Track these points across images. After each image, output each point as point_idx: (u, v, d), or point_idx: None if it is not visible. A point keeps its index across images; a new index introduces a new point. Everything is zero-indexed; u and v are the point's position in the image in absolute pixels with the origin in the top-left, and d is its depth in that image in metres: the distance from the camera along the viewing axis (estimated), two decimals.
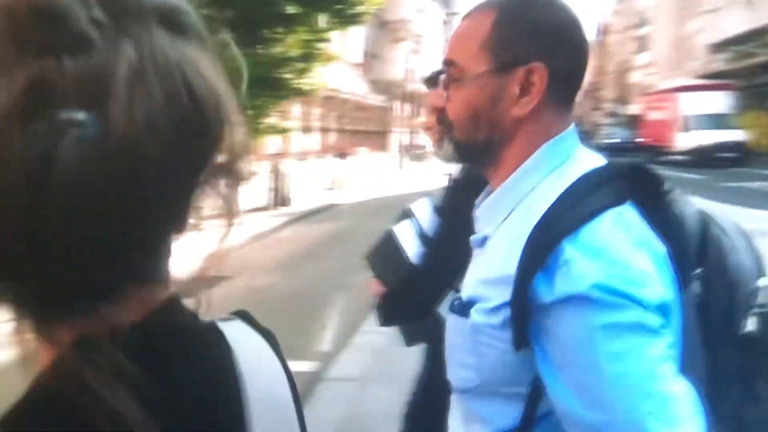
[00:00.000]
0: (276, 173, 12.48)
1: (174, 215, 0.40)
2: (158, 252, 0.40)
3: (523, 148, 0.77)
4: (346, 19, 10.78)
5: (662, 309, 0.67)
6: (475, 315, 0.73)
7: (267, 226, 10.12)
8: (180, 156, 0.36)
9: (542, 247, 0.67)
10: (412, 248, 1.30)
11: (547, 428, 0.71)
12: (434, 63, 8.56)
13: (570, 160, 0.77)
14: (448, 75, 0.80)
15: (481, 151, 0.81)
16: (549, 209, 0.70)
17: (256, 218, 10.81)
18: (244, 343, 0.47)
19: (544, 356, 0.69)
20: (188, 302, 0.43)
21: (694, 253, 0.75)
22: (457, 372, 0.77)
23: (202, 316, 0.45)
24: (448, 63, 0.79)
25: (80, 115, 0.32)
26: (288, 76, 9.98)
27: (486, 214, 0.81)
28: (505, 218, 0.76)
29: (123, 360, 0.35)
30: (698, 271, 0.74)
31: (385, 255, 1.33)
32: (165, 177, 0.35)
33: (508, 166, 0.78)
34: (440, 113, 0.87)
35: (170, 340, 0.41)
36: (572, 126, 0.79)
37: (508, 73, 0.75)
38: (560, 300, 0.66)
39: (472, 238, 0.82)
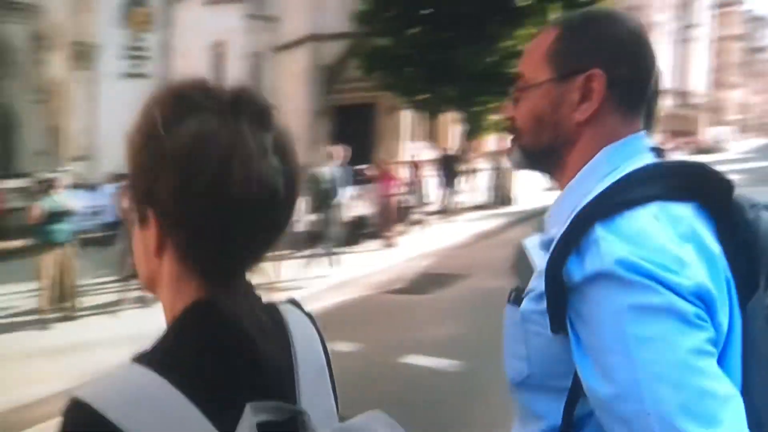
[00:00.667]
0: (498, 171, 12.33)
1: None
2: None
3: (586, 152, 0.80)
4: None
5: (701, 299, 0.65)
6: (525, 303, 0.77)
7: (490, 226, 10.02)
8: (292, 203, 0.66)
9: (577, 230, 0.69)
10: (538, 258, 1.37)
11: (595, 428, 0.71)
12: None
13: (630, 162, 0.77)
14: (517, 86, 0.85)
15: (545, 156, 0.85)
16: (592, 198, 0.73)
17: (478, 217, 10.77)
18: (296, 320, 0.70)
19: (577, 340, 0.69)
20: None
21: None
22: (510, 363, 0.80)
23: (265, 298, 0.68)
24: (518, 75, 0.85)
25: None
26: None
27: (552, 216, 0.84)
28: (567, 219, 0.76)
29: (235, 313, 0.60)
30: None
31: (520, 267, 1.35)
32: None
33: (571, 170, 0.82)
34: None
35: (267, 308, 0.68)
36: (640, 132, 0.81)
37: (568, 81, 0.80)
38: (588, 278, 0.67)
39: (539, 240, 0.82)
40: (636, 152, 0.80)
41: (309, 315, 0.75)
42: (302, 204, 9.53)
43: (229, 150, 0.58)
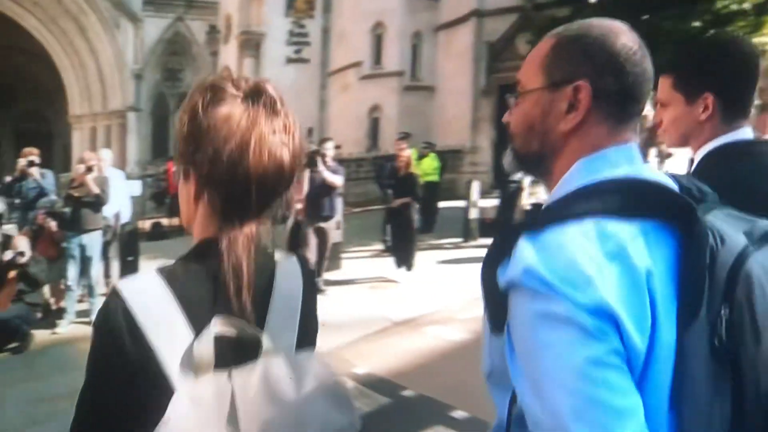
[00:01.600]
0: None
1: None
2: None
3: (569, 162, 0.83)
4: None
5: (600, 315, 0.68)
6: None
7: None
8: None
9: (510, 238, 0.75)
10: None
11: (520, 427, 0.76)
12: None
13: (604, 174, 0.79)
14: (515, 92, 0.89)
15: (535, 162, 0.88)
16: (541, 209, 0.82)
17: None
18: (286, 269, 0.90)
19: (509, 341, 0.75)
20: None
21: (721, 289, 0.72)
22: (482, 358, 0.87)
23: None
24: (516, 82, 0.88)
25: None
26: (737, 33, 8.25)
27: None
28: None
29: (242, 248, 0.82)
30: (723, 309, 0.71)
31: None
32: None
33: (556, 178, 0.84)
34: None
35: (265, 254, 0.87)
36: (624, 144, 0.82)
37: (557, 90, 0.82)
38: (507, 284, 0.73)
39: None
40: (611, 164, 0.80)
41: (306, 269, 0.95)
42: (475, 188, 8.92)
43: (248, 129, 0.80)
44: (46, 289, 5.99)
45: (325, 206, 6.22)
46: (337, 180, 6.24)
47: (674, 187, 0.80)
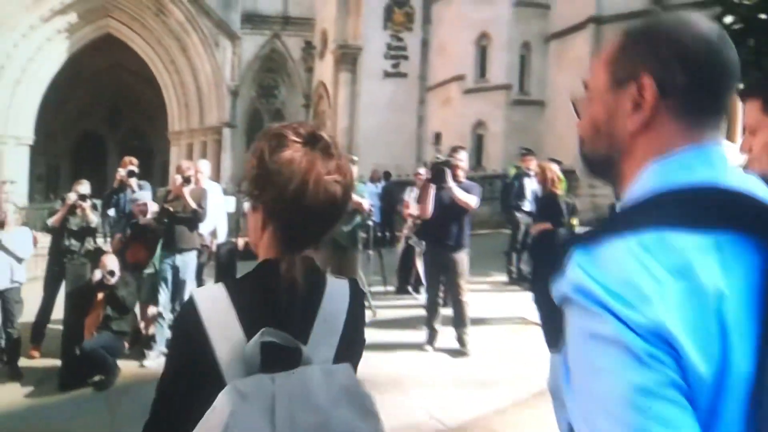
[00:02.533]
0: None
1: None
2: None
3: (641, 164, 0.78)
4: None
5: (655, 338, 0.63)
6: None
7: None
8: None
9: (567, 252, 0.72)
10: None
11: None
12: None
13: (679, 179, 0.73)
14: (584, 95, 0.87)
15: (604, 166, 0.84)
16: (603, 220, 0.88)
17: None
18: (335, 291, 1.07)
19: (564, 360, 0.72)
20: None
21: None
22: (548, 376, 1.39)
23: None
24: (585, 84, 0.86)
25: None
26: None
27: None
28: None
29: (298, 270, 0.99)
30: None
31: None
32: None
33: (629, 182, 0.80)
34: None
35: (313, 272, 1.05)
36: (702, 145, 0.76)
37: (622, 89, 0.79)
38: (560, 300, 0.71)
39: None
40: (686, 168, 0.74)
41: (355, 293, 1.12)
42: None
43: (307, 171, 0.98)
44: (136, 309, 5.41)
45: (452, 233, 4.97)
46: (472, 201, 4.96)
47: (763, 196, 0.72)
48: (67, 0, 17.22)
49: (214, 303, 0.99)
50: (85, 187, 5.67)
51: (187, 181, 5.01)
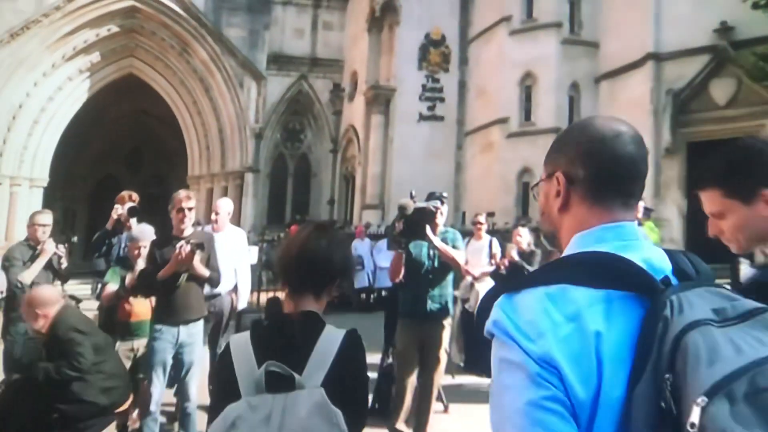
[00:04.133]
0: None
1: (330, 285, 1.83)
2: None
3: (567, 238, 1.06)
4: None
5: (545, 364, 0.86)
6: None
7: None
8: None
9: (496, 296, 0.97)
10: None
11: None
12: None
13: (589, 249, 0.99)
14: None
15: (553, 239, 1.11)
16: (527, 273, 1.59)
17: None
18: (329, 333, 1.68)
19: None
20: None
21: (666, 357, 0.82)
22: None
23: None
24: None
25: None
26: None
27: None
28: None
29: (298, 323, 1.72)
30: (668, 374, 0.80)
31: None
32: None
33: (565, 250, 1.06)
34: None
35: (311, 320, 1.72)
36: (613, 223, 1.01)
37: (550, 180, 1.07)
38: (486, 335, 0.96)
39: None
40: (598, 240, 0.99)
41: (351, 341, 1.68)
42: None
43: (297, 240, 1.81)
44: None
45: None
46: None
47: (649, 265, 0.95)
48: (91, 38, 16.98)
49: (240, 344, 1.68)
50: (46, 217, 4.70)
51: (198, 248, 3.83)
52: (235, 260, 5.17)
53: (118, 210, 5.27)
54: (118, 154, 26.56)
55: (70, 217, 25.47)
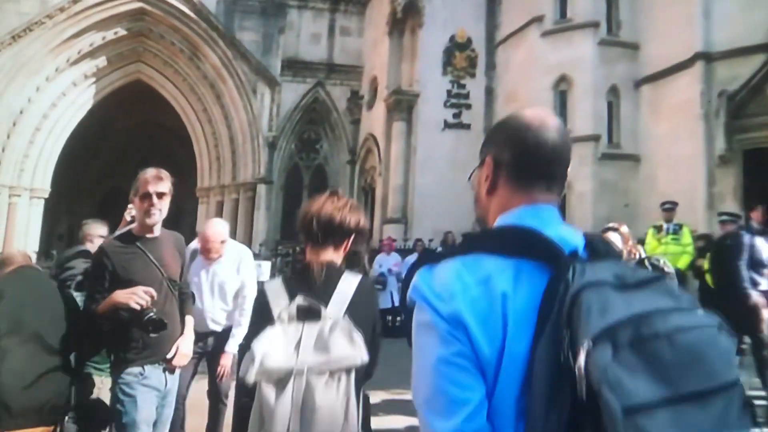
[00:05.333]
0: None
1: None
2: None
3: (492, 220, 1.17)
4: None
5: (453, 323, 0.97)
6: None
7: None
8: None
9: (416, 271, 1.09)
10: None
11: None
12: None
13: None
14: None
15: (485, 224, 1.21)
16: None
17: None
18: (348, 276, 2.15)
19: None
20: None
21: (565, 316, 0.91)
22: None
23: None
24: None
25: None
26: None
27: None
28: None
29: (318, 268, 2.18)
30: (566, 331, 0.89)
31: None
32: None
33: None
34: None
35: (331, 268, 2.19)
36: (532, 204, 1.13)
37: (481, 166, 1.21)
38: (408, 303, 1.06)
39: None
40: (516, 219, 1.11)
41: (363, 282, 2.16)
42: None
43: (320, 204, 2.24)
44: None
45: None
46: None
47: (562, 239, 1.05)
48: (97, 42, 16.51)
49: (274, 286, 2.13)
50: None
51: (160, 327, 2.91)
52: (233, 290, 4.41)
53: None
54: (126, 166, 26.06)
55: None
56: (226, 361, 4.35)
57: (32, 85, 15.78)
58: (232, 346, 4.35)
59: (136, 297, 2.78)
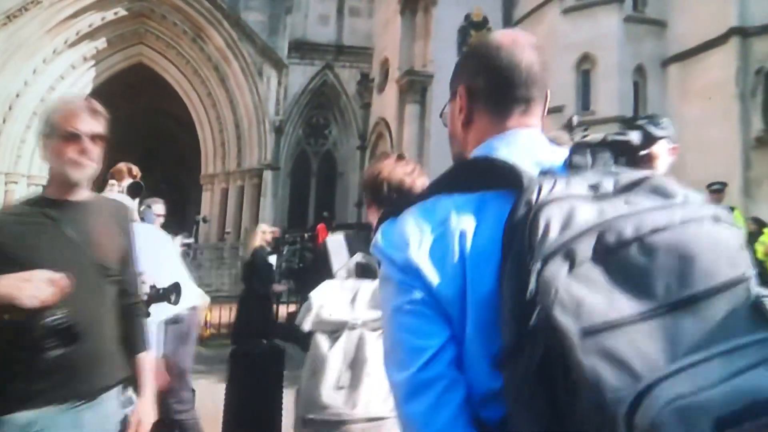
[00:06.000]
0: None
1: None
2: None
3: (470, 152, 1.07)
4: None
5: (407, 270, 0.92)
6: None
7: None
8: None
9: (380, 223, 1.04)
10: None
11: None
12: None
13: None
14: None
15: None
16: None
17: None
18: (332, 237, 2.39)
19: None
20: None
21: (526, 242, 0.80)
22: None
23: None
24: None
25: None
26: None
27: None
28: None
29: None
30: (528, 259, 0.79)
31: None
32: None
33: None
34: None
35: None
36: (505, 132, 1.03)
37: (453, 100, 1.12)
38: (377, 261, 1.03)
39: None
40: (490, 150, 1.02)
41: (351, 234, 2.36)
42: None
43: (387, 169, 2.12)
44: None
45: None
46: None
47: (539, 164, 0.96)
48: (97, 22, 16.05)
49: (335, 241, 2.21)
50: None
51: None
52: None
53: (114, 187, 3.88)
54: (130, 155, 25.62)
55: None
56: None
57: (29, 67, 15.38)
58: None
59: (31, 288, 1.68)
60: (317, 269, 2.26)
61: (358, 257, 2.06)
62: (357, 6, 18.60)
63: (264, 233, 6.85)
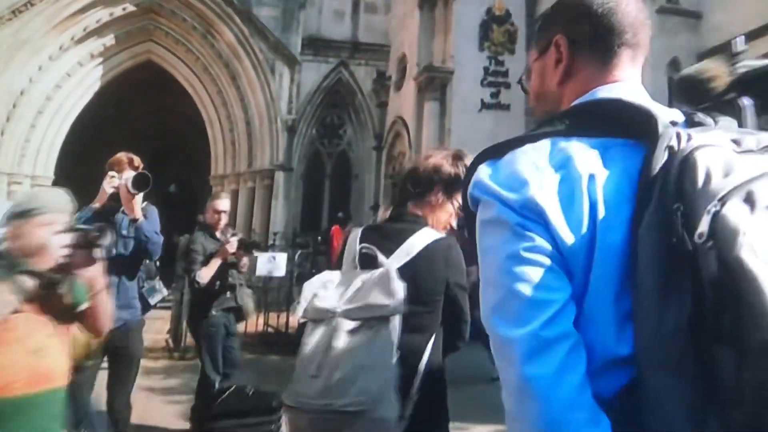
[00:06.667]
0: None
1: None
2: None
3: (569, 105, 1.01)
4: None
5: (526, 211, 0.82)
6: None
7: None
8: None
9: (477, 164, 0.95)
10: None
11: None
12: None
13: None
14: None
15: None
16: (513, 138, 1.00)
17: None
18: (423, 232, 2.20)
19: None
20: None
21: (673, 187, 0.76)
22: None
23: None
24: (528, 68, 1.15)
25: None
26: None
27: None
28: None
29: (388, 223, 2.42)
30: (676, 206, 0.74)
31: None
32: None
33: None
34: None
35: (409, 221, 2.31)
36: (612, 83, 0.99)
37: (545, 54, 1.06)
38: (471, 205, 0.92)
39: None
40: (597, 96, 0.99)
41: (447, 244, 2.17)
42: None
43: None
44: None
45: None
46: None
47: (653, 108, 0.89)
48: (104, 18, 15.74)
49: (355, 233, 2.24)
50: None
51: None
52: None
53: (114, 180, 3.52)
54: (140, 156, 25.52)
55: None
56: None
57: (34, 64, 15.05)
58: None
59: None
60: (338, 261, 2.29)
61: (363, 249, 2.13)
62: (373, 1, 18.19)
63: None
